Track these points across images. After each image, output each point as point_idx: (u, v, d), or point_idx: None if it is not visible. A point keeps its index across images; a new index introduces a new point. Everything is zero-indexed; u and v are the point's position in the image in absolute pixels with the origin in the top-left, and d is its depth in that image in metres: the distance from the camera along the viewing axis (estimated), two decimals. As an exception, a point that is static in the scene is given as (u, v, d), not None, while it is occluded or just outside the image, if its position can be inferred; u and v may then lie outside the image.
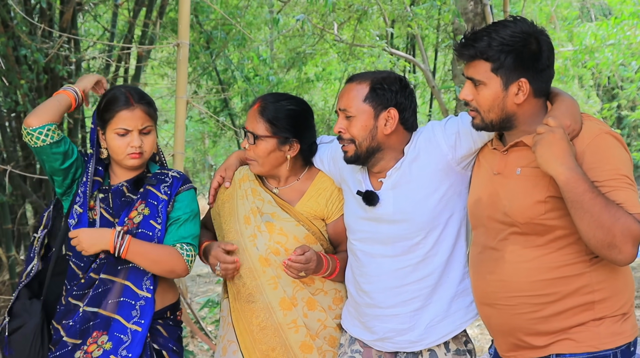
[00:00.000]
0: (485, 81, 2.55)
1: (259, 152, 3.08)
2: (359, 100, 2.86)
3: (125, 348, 2.88)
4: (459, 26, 7.19)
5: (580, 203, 2.34)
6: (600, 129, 2.50)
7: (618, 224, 2.31)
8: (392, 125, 2.86)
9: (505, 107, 2.56)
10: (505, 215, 2.59)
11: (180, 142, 4.77)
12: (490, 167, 2.72)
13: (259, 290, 3.06)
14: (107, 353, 2.87)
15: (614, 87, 13.01)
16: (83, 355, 2.88)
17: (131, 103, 2.98)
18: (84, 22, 8.58)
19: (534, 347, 2.59)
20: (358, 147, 2.87)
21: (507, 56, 2.50)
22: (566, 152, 2.37)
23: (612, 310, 2.53)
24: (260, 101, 3.14)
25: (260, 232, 3.09)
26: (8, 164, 6.12)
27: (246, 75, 9.01)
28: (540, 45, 2.53)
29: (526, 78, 2.52)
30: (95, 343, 2.89)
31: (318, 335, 3.08)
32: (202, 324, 6.54)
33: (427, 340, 2.92)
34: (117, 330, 2.90)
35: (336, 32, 8.63)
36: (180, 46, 4.66)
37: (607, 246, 2.34)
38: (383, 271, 2.93)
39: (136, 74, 7.80)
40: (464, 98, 2.63)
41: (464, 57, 2.61)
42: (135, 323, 2.91)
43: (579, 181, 2.34)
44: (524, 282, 2.56)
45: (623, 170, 2.43)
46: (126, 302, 2.94)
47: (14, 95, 6.50)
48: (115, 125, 2.97)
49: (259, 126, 3.07)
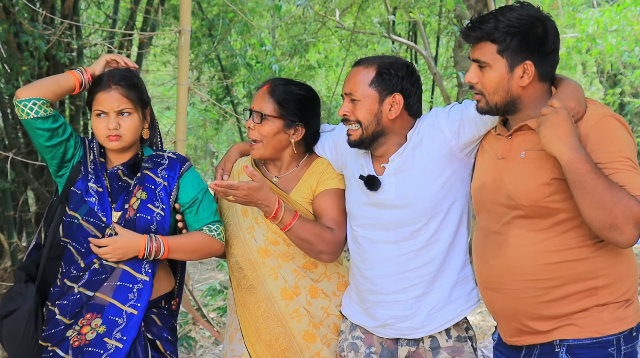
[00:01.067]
0: (490, 63, 2.57)
1: (264, 132, 3.07)
2: (365, 84, 2.87)
3: (119, 330, 2.88)
4: (460, 13, 7.18)
5: (582, 183, 2.35)
6: (604, 112, 2.52)
7: (620, 205, 2.32)
8: (396, 111, 2.87)
9: (510, 89, 2.57)
10: (509, 198, 2.60)
11: (182, 129, 4.77)
12: (494, 152, 2.72)
13: (260, 281, 3.07)
14: (101, 336, 2.86)
15: (616, 74, 12.98)
16: (76, 335, 2.88)
17: (109, 85, 2.96)
18: (85, 9, 8.56)
19: (537, 332, 2.60)
20: (364, 130, 2.88)
21: (513, 38, 2.52)
22: (569, 133, 2.39)
23: (615, 296, 2.53)
24: (270, 83, 3.14)
25: (258, 224, 3.09)
26: (10, 150, 6.13)
27: (248, 62, 8.99)
28: (546, 29, 2.55)
29: (531, 61, 2.54)
30: (89, 325, 2.88)
31: (322, 324, 3.09)
32: (204, 311, 6.55)
33: (428, 327, 2.93)
34: (111, 314, 2.89)
35: (338, 19, 8.60)
36: (182, 33, 4.65)
37: (609, 227, 2.35)
38: (385, 257, 2.94)
39: (138, 61, 7.79)
40: (469, 81, 2.65)
41: (471, 39, 2.62)
42: (131, 306, 2.91)
43: (581, 161, 2.36)
44: (528, 266, 2.56)
45: (626, 153, 2.45)
46: (123, 286, 2.92)
47: (16, 82, 6.49)
48: (94, 106, 2.98)
49: (267, 106, 3.07)
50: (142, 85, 3.09)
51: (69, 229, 2.98)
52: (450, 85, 11.11)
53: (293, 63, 10.72)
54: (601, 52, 10.78)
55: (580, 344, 2.54)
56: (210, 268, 9.73)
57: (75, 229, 2.96)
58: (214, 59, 9.09)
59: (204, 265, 9.85)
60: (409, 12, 8.28)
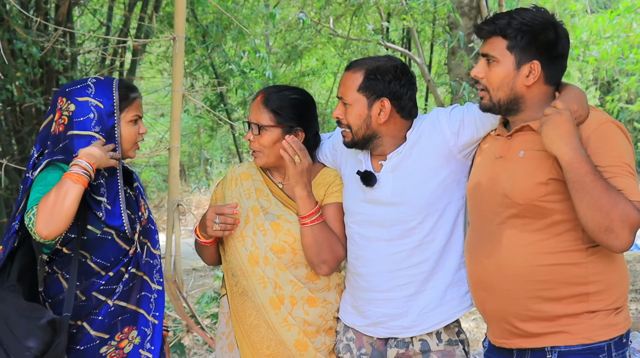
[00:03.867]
0: (499, 58, 2.60)
1: (263, 143, 3.07)
2: (354, 89, 2.89)
3: (148, 341, 2.89)
4: (454, 20, 7.20)
5: (581, 184, 2.36)
6: (606, 118, 2.56)
7: (617, 209, 2.33)
8: (385, 115, 2.88)
9: (515, 87, 2.60)
10: (504, 196, 2.61)
11: (176, 136, 4.76)
12: (492, 152, 2.74)
13: (251, 289, 3.05)
14: (137, 348, 2.86)
15: (610, 81, 13.03)
16: (114, 350, 2.84)
17: (138, 91, 2.98)
18: (79, 16, 8.57)
19: (527, 335, 2.61)
20: (354, 135, 2.90)
21: (524, 36, 2.56)
22: (571, 133, 2.41)
23: (606, 303, 2.54)
24: (263, 93, 3.13)
25: (264, 230, 3.08)
26: (3, 157, 6.12)
27: (242, 69, 9.01)
28: (557, 34, 2.59)
29: (539, 61, 2.57)
30: (127, 338, 2.87)
31: (319, 331, 3.08)
32: (198, 318, 6.54)
33: (419, 326, 2.93)
34: (142, 324, 2.89)
35: (332, 26, 8.62)
36: (176, 40, 4.65)
37: (604, 230, 2.35)
38: (379, 254, 2.94)
39: (132, 68, 7.80)
40: (475, 75, 2.67)
41: (483, 33, 2.66)
42: (152, 315, 2.92)
43: (581, 162, 2.37)
44: (521, 266, 2.57)
45: (626, 159, 2.47)
46: (146, 296, 2.92)
47: (10, 88, 6.50)
48: (131, 113, 2.91)
49: (263, 116, 3.07)
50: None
51: (94, 244, 2.83)
52: (445, 92, 11.13)
53: (288, 70, 10.74)
54: (596, 59, 10.82)
55: (571, 350, 2.54)
56: (204, 276, 9.73)
57: (106, 245, 2.84)
58: (208, 66, 9.10)
59: (197, 272, 9.84)
60: (403, 18, 8.31)
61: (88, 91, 2.87)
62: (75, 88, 2.89)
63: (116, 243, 2.86)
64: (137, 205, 2.99)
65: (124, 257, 2.88)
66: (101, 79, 2.94)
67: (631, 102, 13.29)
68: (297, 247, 3.03)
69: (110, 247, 2.85)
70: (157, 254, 3.03)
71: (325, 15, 9.07)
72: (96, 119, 2.84)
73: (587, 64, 11.76)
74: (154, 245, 3.04)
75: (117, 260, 2.86)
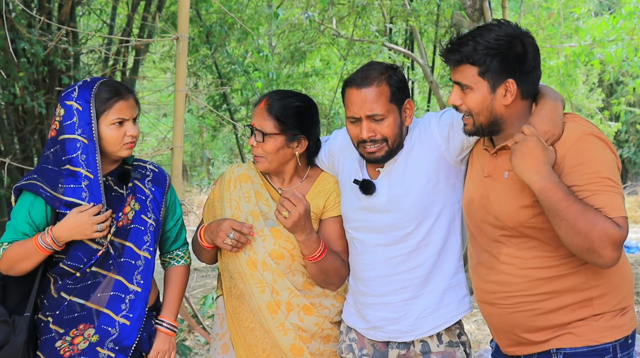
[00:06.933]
0: (472, 85, 2.56)
1: (267, 149, 3.06)
2: (385, 100, 2.86)
3: (112, 340, 2.87)
4: (457, 21, 7.17)
5: (556, 211, 2.34)
6: (582, 131, 2.49)
7: (595, 230, 2.30)
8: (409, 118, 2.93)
9: (494, 109, 2.56)
10: (496, 218, 2.61)
11: (179, 136, 4.76)
12: (481, 168, 2.73)
13: (248, 292, 3.04)
14: (93, 346, 2.85)
15: (612, 84, 13.02)
16: (68, 346, 2.86)
17: (124, 93, 2.94)
18: (82, 15, 8.56)
19: (534, 343, 2.60)
20: (390, 145, 2.88)
21: (493, 59, 2.51)
22: (539, 161, 2.37)
23: (611, 305, 2.53)
24: (266, 99, 3.11)
25: (263, 236, 3.06)
26: (6, 156, 6.12)
27: (245, 69, 9.00)
28: (525, 47, 2.53)
29: (513, 79, 2.53)
30: (82, 335, 2.87)
31: (314, 337, 3.07)
32: (199, 318, 6.54)
33: (418, 330, 2.94)
34: (104, 323, 2.88)
35: (335, 27, 8.61)
36: (179, 40, 4.65)
37: (586, 251, 2.34)
38: (376, 259, 2.96)
39: (135, 68, 7.79)
40: (453, 103, 2.64)
41: (451, 62, 2.61)
42: (124, 316, 2.90)
43: (552, 190, 2.34)
44: (521, 283, 2.57)
45: (605, 173, 2.41)
46: (116, 296, 2.91)
47: (12, 88, 6.49)
48: (112, 116, 2.90)
49: (267, 124, 3.05)
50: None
51: (67, 246, 2.90)
52: (448, 93, 11.12)
53: (291, 70, 10.73)
54: (601, 62, 10.80)
55: (577, 352, 2.53)
56: (205, 276, 9.71)
57: (74, 245, 2.90)
58: (212, 66, 9.09)
59: (199, 272, 9.83)
60: (406, 20, 8.29)
61: (73, 94, 2.92)
62: (66, 92, 2.95)
63: (85, 245, 2.90)
64: (121, 206, 2.98)
65: (95, 257, 2.91)
66: (87, 82, 2.96)
67: (634, 104, 13.28)
68: (295, 253, 3.04)
69: (78, 248, 2.90)
70: (142, 255, 2.98)
71: (328, 16, 9.06)
72: (77, 122, 2.89)
73: (592, 67, 11.72)
74: (140, 245, 2.99)
75: (89, 261, 2.90)
